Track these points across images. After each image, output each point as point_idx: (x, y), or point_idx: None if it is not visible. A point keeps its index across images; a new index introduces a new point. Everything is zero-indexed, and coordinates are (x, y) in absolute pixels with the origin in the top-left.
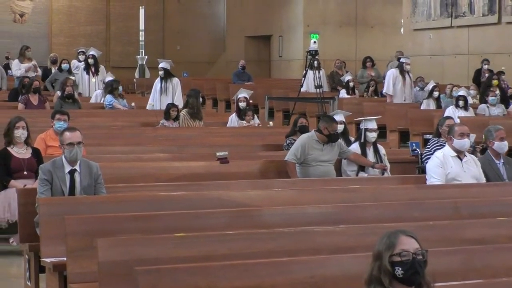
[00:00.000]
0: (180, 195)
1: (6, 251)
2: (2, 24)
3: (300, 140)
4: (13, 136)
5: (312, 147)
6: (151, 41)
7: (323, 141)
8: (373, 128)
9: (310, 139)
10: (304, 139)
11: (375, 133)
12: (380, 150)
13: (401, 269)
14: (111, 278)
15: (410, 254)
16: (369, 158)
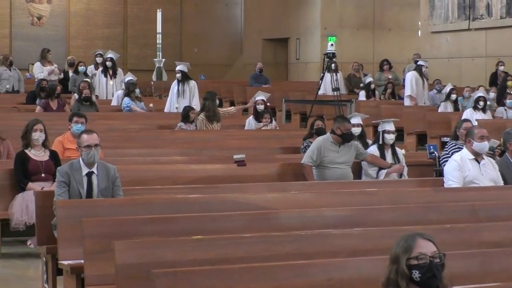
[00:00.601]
0: (197, 198)
1: (23, 254)
2: (20, 27)
3: (316, 143)
4: (30, 139)
5: (328, 149)
6: (168, 43)
7: (339, 142)
8: (391, 130)
9: (325, 141)
10: (320, 141)
11: (393, 135)
12: (398, 152)
13: (418, 273)
14: (128, 281)
15: (428, 257)
16: (387, 160)
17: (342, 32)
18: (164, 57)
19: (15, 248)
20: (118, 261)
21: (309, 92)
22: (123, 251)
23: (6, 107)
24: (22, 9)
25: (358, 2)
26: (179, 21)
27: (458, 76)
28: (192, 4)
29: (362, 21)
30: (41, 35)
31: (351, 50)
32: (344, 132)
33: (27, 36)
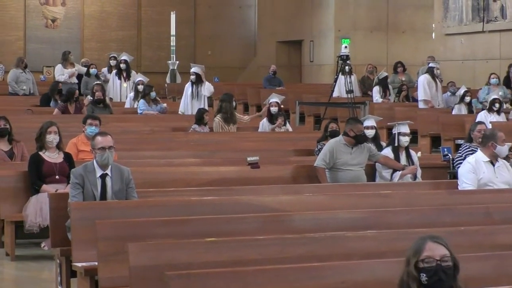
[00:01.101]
0: (211, 200)
1: (37, 256)
2: (34, 29)
3: (328, 145)
4: (45, 141)
5: (340, 151)
6: (182, 46)
7: (351, 144)
8: (406, 132)
9: (338, 143)
10: (332, 144)
11: (408, 137)
12: (412, 155)
13: (425, 276)
14: (142, 283)
15: (434, 261)
16: (401, 163)
17: (355, 34)
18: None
19: (29, 250)
20: (132, 263)
21: (323, 94)
22: (137, 253)
23: (21, 110)
24: (36, 11)
25: (372, 4)
26: (193, 23)
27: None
28: (206, 6)
29: (376, 23)
30: (55, 38)
31: (365, 52)
32: (357, 134)
33: (41, 38)
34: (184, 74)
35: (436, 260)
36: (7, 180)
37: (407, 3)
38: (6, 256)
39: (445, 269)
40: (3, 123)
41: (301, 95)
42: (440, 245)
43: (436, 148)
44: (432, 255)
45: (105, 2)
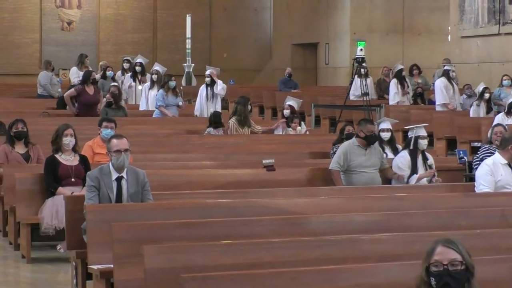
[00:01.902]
0: (226, 203)
1: (53, 258)
2: (50, 32)
3: (342, 147)
4: (61, 144)
5: (354, 153)
6: (197, 48)
7: (364, 146)
8: (424, 135)
9: (351, 146)
10: (346, 146)
11: (426, 140)
12: (428, 158)
13: (434, 280)
14: (157, 285)
15: (441, 265)
16: (418, 166)
17: (371, 37)
18: (194, 62)
19: (45, 253)
20: (148, 265)
21: (338, 97)
22: (153, 255)
23: (37, 112)
24: (52, 14)
25: (388, 7)
26: (209, 26)
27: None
28: (221, 9)
29: (392, 25)
30: (71, 40)
31: (381, 54)
32: (367, 134)
33: (57, 41)
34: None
35: (443, 265)
36: (23, 183)
37: (423, 5)
38: (22, 259)
39: (452, 274)
40: (20, 126)
41: (316, 98)
42: (451, 249)
43: (452, 151)
44: (441, 260)
45: (121, 5)
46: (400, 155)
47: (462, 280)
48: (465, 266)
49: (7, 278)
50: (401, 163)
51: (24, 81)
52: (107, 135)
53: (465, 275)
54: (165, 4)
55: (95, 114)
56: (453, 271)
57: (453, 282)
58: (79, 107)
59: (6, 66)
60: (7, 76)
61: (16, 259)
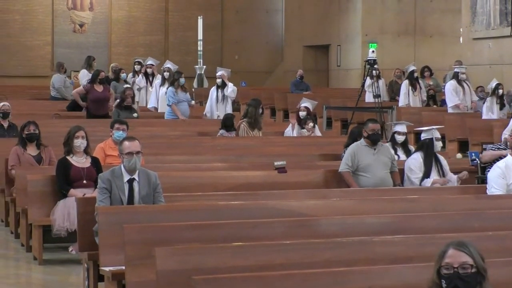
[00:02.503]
0: (238, 205)
1: (65, 260)
2: (62, 34)
3: (350, 148)
4: (72, 146)
5: (362, 153)
6: (209, 50)
7: (371, 145)
8: (439, 137)
9: (359, 146)
10: (353, 147)
11: (441, 141)
12: (441, 161)
13: (444, 282)
14: (169, 287)
15: (452, 268)
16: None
17: (383, 39)
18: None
19: (57, 255)
20: (159, 267)
21: (350, 99)
22: (164, 257)
23: (48, 114)
24: (64, 16)
25: (399, 9)
26: (220, 28)
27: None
28: (233, 11)
29: (403, 27)
30: (83, 42)
31: (392, 56)
32: (369, 133)
33: (69, 43)
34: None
35: (453, 268)
36: (35, 185)
37: (434, 7)
38: (34, 260)
39: (462, 277)
40: (32, 128)
41: (328, 100)
42: (462, 252)
43: (464, 153)
44: (451, 262)
45: (132, 7)
46: (413, 157)
47: (472, 283)
48: (476, 269)
49: (19, 279)
50: (413, 165)
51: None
52: (119, 137)
53: (476, 278)
54: (177, 6)
55: (105, 111)
56: (463, 274)
57: (463, 285)
58: (89, 105)
59: (18, 68)
60: (19, 78)
61: (28, 261)
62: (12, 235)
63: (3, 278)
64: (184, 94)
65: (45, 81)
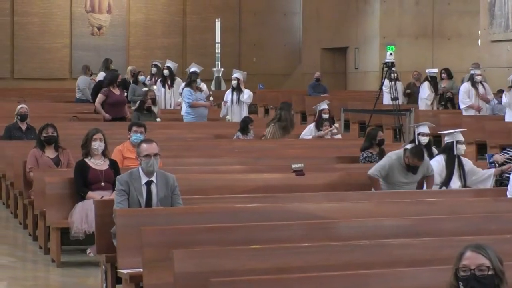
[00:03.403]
0: (255, 207)
1: (83, 262)
2: (80, 37)
3: (389, 160)
4: (90, 148)
5: (397, 170)
6: (227, 53)
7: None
8: (462, 140)
9: (398, 163)
10: (393, 161)
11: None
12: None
13: (462, 284)
14: None
15: (469, 270)
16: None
17: (401, 41)
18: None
19: (75, 257)
20: (177, 269)
21: (368, 101)
22: (182, 260)
23: (66, 116)
24: (82, 19)
25: (417, 11)
26: (238, 30)
27: None
28: (251, 13)
29: (421, 30)
30: (100, 45)
31: (410, 59)
32: (410, 165)
33: (87, 46)
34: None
35: (470, 270)
36: (53, 187)
37: (452, 9)
38: (52, 263)
39: (479, 278)
40: (51, 130)
41: (346, 102)
42: (479, 254)
43: (482, 155)
44: (468, 264)
45: (150, 10)
46: (436, 159)
47: (489, 285)
48: (493, 272)
49: (37, 282)
50: (435, 166)
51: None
52: (136, 139)
53: (493, 280)
54: (195, 8)
55: (123, 113)
56: (480, 276)
57: (480, 287)
58: (107, 108)
59: (37, 70)
60: (37, 81)
61: (46, 263)
62: (30, 238)
63: (22, 280)
64: (200, 94)
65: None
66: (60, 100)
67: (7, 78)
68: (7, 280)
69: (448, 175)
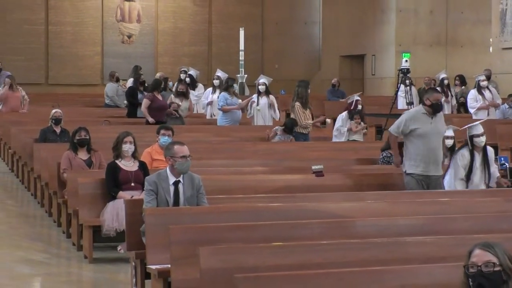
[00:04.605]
0: (277, 207)
1: (114, 259)
2: (112, 45)
3: (408, 113)
4: (121, 150)
5: (420, 120)
6: (250, 60)
7: (430, 114)
8: (478, 133)
9: (418, 112)
10: (412, 112)
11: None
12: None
13: (470, 280)
14: (212, 285)
15: (476, 267)
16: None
17: (416, 49)
18: (246, 73)
19: (106, 253)
20: (203, 266)
21: (384, 106)
22: (208, 256)
23: (98, 120)
24: (113, 28)
25: (432, 20)
26: (261, 39)
27: None
28: (273, 23)
29: (435, 38)
30: (130, 53)
31: (425, 65)
32: (433, 102)
33: (118, 53)
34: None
35: (477, 266)
36: (85, 187)
37: (465, 18)
38: (85, 259)
39: (486, 275)
40: (83, 133)
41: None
42: (487, 252)
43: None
44: (476, 261)
45: (178, 19)
46: (461, 152)
47: (496, 281)
48: (500, 268)
49: (71, 277)
50: (460, 160)
51: (86, 91)
52: (164, 142)
53: (500, 276)
54: (220, 18)
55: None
56: (486, 272)
57: (487, 283)
58: (151, 113)
59: (70, 77)
60: (70, 87)
61: (79, 259)
62: (64, 235)
63: (56, 276)
64: (236, 99)
65: (95, 89)
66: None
67: (42, 84)
68: (42, 275)
69: (470, 168)
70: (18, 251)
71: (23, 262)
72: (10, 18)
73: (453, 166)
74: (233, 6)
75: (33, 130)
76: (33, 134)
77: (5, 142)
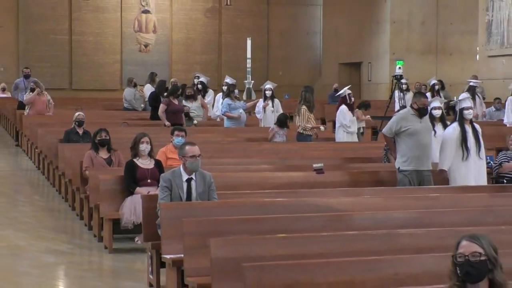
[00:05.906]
0: (282, 201)
1: (132, 249)
2: (130, 53)
3: (398, 114)
4: (138, 150)
5: (409, 120)
6: (256, 67)
7: (418, 116)
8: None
9: (407, 113)
10: (402, 113)
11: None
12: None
13: (458, 270)
14: (222, 273)
15: (463, 256)
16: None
17: (408, 57)
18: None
19: (124, 244)
20: (213, 256)
21: (379, 109)
22: (218, 247)
23: (117, 122)
24: (131, 38)
25: (423, 31)
26: (266, 48)
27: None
28: (278, 33)
29: (427, 46)
30: (147, 60)
31: (417, 72)
32: (420, 107)
33: (135, 61)
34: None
35: (465, 256)
36: (106, 184)
37: (454, 29)
38: (105, 249)
39: (472, 264)
40: (104, 134)
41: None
42: (473, 243)
43: None
44: (463, 252)
45: (190, 30)
46: (452, 126)
47: (482, 269)
48: (485, 257)
49: (92, 266)
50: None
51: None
52: (178, 142)
53: (486, 265)
54: (229, 29)
55: (180, 121)
56: (473, 261)
57: (474, 271)
58: (168, 116)
59: (92, 82)
60: (92, 91)
61: (100, 250)
62: (86, 227)
63: (78, 265)
64: (239, 102)
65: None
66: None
67: (66, 89)
68: (66, 264)
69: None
70: (44, 242)
71: (49, 252)
72: (37, 29)
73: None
74: (241, 18)
75: (58, 131)
76: (58, 135)
77: (32, 143)
